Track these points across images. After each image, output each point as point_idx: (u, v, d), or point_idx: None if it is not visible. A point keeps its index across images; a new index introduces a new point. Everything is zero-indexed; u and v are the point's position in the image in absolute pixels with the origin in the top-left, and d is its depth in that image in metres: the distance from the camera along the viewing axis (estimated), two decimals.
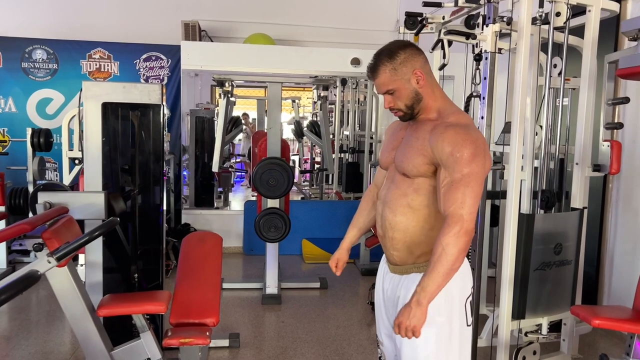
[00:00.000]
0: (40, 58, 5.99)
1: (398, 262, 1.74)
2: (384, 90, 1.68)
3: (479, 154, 1.55)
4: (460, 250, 1.52)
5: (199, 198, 7.06)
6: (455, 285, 1.64)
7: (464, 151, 1.53)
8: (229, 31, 6.89)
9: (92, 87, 2.67)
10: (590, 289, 3.76)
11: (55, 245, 2.04)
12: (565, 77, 2.86)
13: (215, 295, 2.68)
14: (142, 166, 3.00)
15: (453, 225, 1.52)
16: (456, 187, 1.54)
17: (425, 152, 1.62)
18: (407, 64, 1.64)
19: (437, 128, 1.61)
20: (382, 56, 1.66)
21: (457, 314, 1.68)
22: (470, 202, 1.53)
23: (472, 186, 1.53)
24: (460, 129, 1.58)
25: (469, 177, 1.53)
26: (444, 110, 1.67)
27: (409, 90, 1.65)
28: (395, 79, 1.64)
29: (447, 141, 1.56)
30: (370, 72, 1.69)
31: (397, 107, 1.69)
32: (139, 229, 3.03)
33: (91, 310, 2.29)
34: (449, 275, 1.54)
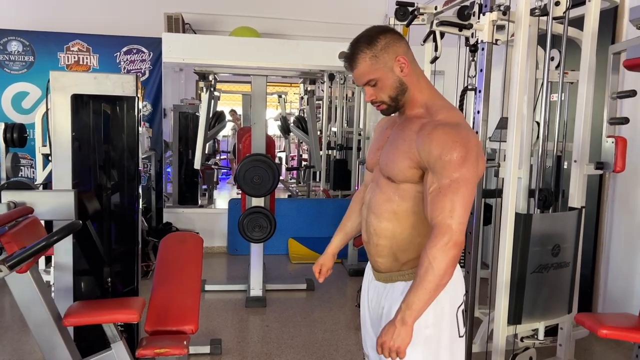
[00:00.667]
0: (15, 50, 5.76)
1: (383, 269, 1.60)
2: (364, 81, 1.50)
3: (470, 157, 1.38)
4: (449, 265, 1.37)
5: (183, 196, 6.86)
6: (445, 294, 1.47)
7: (453, 154, 1.37)
8: (213, 24, 6.71)
9: (61, 78, 2.47)
10: (586, 291, 3.65)
11: (15, 249, 1.86)
12: (564, 70, 2.73)
13: (194, 300, 2.51)
14: (116, 163, 2.81)
15: (440, 236, 1.37)
16: (444, 194, 1.38)
17: (411, 155, 1.45)
18: (388, 50, 1.47)
19: (425, 128, 1.44)
20: (360, 43, 1.48)
21: (447, 324, 1.53)
22: (460, 211, 1.37)
23: (462, 193, 1.37)
24: (450, 128, 1.41)
25: (459, 183, 1.37)
26: (432, 105, 1.50)
27: (392, 80, 1.48)
28: (376, 68, 1.47)
29: (435, 143, 1.39)
30: (347, 61, 1.50)
31: (380, 99, 1.51)
32: (113, 229, 2.85)
33: (57, 320, 2.11)
34: (436, 291, 1.39)
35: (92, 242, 2.76)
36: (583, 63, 2.73)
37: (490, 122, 2.76)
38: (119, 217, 2.87)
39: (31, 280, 2.03)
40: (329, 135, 7.21)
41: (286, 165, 9.13)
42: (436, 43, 3.22)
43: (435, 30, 3.12)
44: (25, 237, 1.98)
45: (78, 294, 2.57)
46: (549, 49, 2.63)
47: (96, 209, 2.70)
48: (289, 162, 9.25)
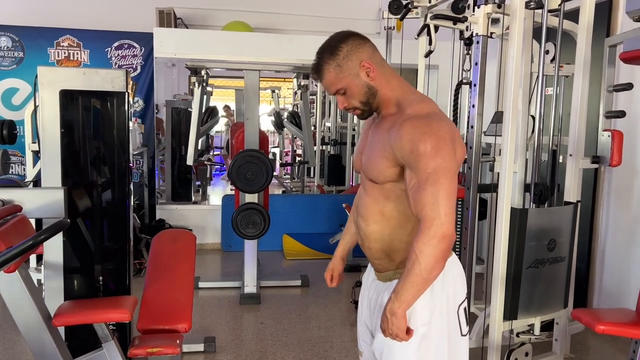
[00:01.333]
0: (4, 46, 5.68)
1: (381, 269, 1.60)
2: (333, 90, 1.50)
3: (442, 145, 1.36)
4: (437, 259, 1.35)
5: (176, 192, 6.81)
6: (442, 292, 1.47)
7: (425, 146, 1.35)
8: (205, 19, 6.65)
9: (48, 73, 2.42)
10: (581, 285, 3.64)
11: (3, 248, 1.82)
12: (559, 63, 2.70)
13: (187, 298, 2.48)
14: (107, 159, 2.77)
15: (427, 230, 1.34)
16: (424, 187, 1.35)
17: (387, 154, 1.44)
18: (351, 57, 1.46)
19: (395, 124, 1.43)
20: (323, 53, 1.48)
21: (445, 323, 1.49)
22: (444, 201, 1.34)
23: (442, 183, 1.35)
24: (419, 121, 1.40)
25: (437, 174, 1.34)
26: (403, 101, 1.49)
27: (360, 86, 1.48)
28: (342, 77, 1.47)
29: (405, 137, 1.38)
30: (314, 73, 1.51)
31: (352, 105, 1.51)
32: (104, 226, 2.81)
33: (47, 319, 2.07)
34: (424, 285, 1.38)
35: (82, 240, 2.72)
36: (578, 56, 2.71)
37: (485, 116, 2.74)
38: (110, 215, 2.83)
39: (19, 279, 1.98)
40: (323, 131, 7.18)
41: (280, 160, 9.08)
42: (430, 37, 3.19)
43: (429, 23, 3.09)
44: (14, 235, 1.94)
45: (69, 293, 2.53)
46: (544, 42, 2.61)
47: (87, 206, 2.66)
48: (283, 157, 9.21)
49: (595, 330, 2.02)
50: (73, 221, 2.54)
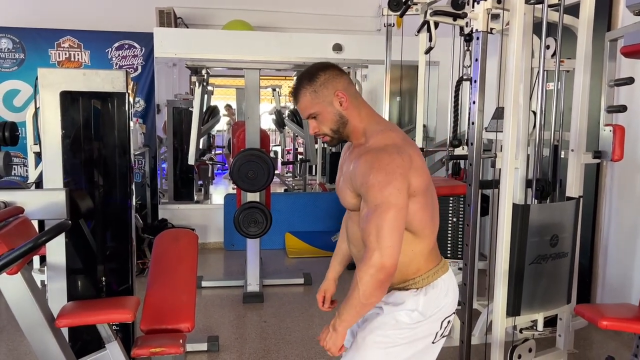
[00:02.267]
0: (5, 48, 5.69)
1: None
2: (306, 114, 1.58)
3: (391, 180, 1.42)
4: (375, 287, 1.43)
5: (178, 192, 6.82)
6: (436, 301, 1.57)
7: (372, 179, 1.43)
8: (205, 18, 6.65)
9: (49, 75, 2.43)
10: (584, 280, 3.63)
11: (5, 250, 1.82)
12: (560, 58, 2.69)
13: (189, 298, 2.48)
14: (108, 160, 2.77)
15: (367, 260, 1.42)
16: (370, 219, 1.43)
17: (348, 184, 1.55)
18: (327, 85, 1.55)
19: (356, 157, 1.53)
20: (302, 79, 1.58)
21: (426, 325, 1.57)
22: (387, 235, 1.40)
23: (385, 218, 1.41)
24: (371, 155, 1.47)
25: (381, 208, 1.41)
26: (369, 132, 1.57)
27: (332, 114, 1.56)
28: (316, 102, 1.55)
29: (358, 170, 1.48)
30: (292, 96, 1.61)
31: (322, 131, 1.59)
32: (106, 227, 2.82)
33: (50, 321, 2.07)
34: (362, 308, 1.49)
35: (85, 240, 2.72)
36: (579, 51, 2.70)
37: (486, 112, 2.73)
38: (112, 215, 2.83)
39: (22, 281, 1.99)
40: None
41: (282, 159, 9.08)
42: (430, 33, 3.18)
43: (429, 20, 3.08)
44: (16, 237, 1.94)
45: (72, 294, 2.54)
46: (544, 37, 2.60)
47: (88, 207, 2.66)
48: (285, 156, 9.21)
49: (599, 325, 2.02)
50: (75, 222, 2.54)
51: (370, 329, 1.57)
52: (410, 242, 1.53)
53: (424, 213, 1.52)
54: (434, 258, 1.61)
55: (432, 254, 1.60)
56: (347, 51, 5.33)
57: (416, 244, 1.55)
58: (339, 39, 5.36)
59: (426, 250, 1.58)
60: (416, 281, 1.57)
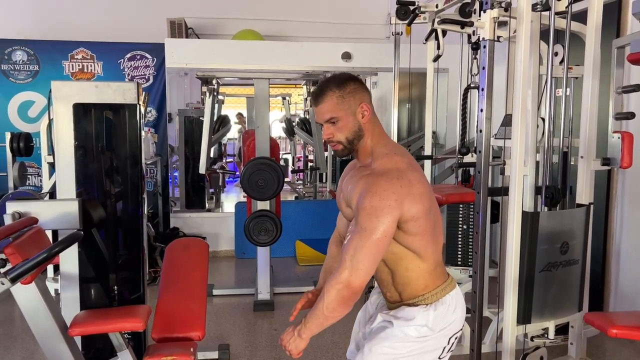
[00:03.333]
0: (20, 59, 5.79)
1: (390, 300, 1.69)
2: (327, 117, 1.57)
3: (383, 207, 1.44)
4: (338, 302, 1.47)
5: (190, 200, 6.86)
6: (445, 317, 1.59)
7: (366, 203, 1.45)
8: (216, 28, 6.71)
9: (62, 88, 2.48)
10: (596, 288, 3.60)
11: (20, 261, 1.86)
12: (568, 65, 2.69)
13: (200, 306, 2.50)
14: (120, 170, 2.81)
15: (337, 274, 1.46)
16: (352, 238, 1.47)
17: (345, 199, 1.61)
18: (355, 95, 1.57)
19: (358, 176, 1.57)
20: (330, 83, 1.58)
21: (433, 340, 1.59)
22: (361, 257, 1.44)
23: (366, 242, 1.44)
24: (372, 177, 1.50)
25: (366, 232, 1.44)
26: (375, 153, 1.59)
27: (352, 123, 1.57)
28: (340, 108, 1.55)
29: (356, 190, 1.51)
30: (315, 97, 1.58)
31: (337, 139, 1.58)
32: (118, 236, 2.86)
33: (63, 329, 2.11)
34: (325, 320, 1.53)
35: (97, 250, 2.76)
36: (587, 58, 2.69)
37: (495, 120, 2.73)
38: (124, 224, 2.87)
39: (36, 290, 2.03)
40: None
41: (292, 167, 9.11)
42: (438, 41, 3.20)
43: (437, 28, 3.10)
44: (29, 247, 1.98)
45: (85, 303, 2.57)
46: (552, 44, 2.60)
47: (101, 216, 2.70)
48: (295, 163, 9.24)
49: (609, 334, 2.01)
50: (88, 231, 2.58)
51: (378, 340, 1.59)
52: (414, 259, 1.56)
53: (423, 236, 1.54)
54: (440, 275, 1.63)
55: (437, 271, 1.62)
56: (356, 59, 5.36)
57: (420, 261, 1.57)
58: (348, 48, 5.39)
59: (431, 268, 1.59)
60: (425, 297, 1.59)
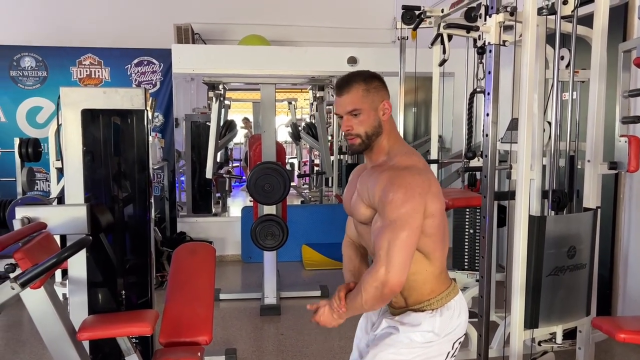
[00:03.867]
0: (29, 66, 5.84)
1: (395, 306, 1.68)
2: (350, 108, 1.57)
3: (409, 198, 1.45)
4: (376, 300, 1.49)
5: (197, 204, 6.89)
6: (449, 322, 1.60)
7: (393, 196, 1.46)
8: (222, 33, 6.75)
9: (71, 94, 2.50)
10: (604, 292, 3.58)
11: (29, 265, 1.88)
12: (574, 69, 2.69)
13: (207, 311, 2.51)
14: (128, 175, 2.83)
15: (374, 272, 1.47)
16: (383, 233, 1.47)
17: (364, 197, 1.58)
18: (379, 91, 1.59)
19: (378, 172, 1.57)
20: (356, 76, 1.59)
21: (438, 344, 1.59)
22: (396, 251, 1.44)
23: (399, 235, 1.44)
24: (395, 172, 1.52)
25: (396, 224, 1.45)
26: (393, 152, 1.61)
27: (373, 118, 1.58)
28: (365, 101, 1.57)
29: (378, 185, 1.51)
30: (339, 87, 1.59)
31: (357, 132, 1.58)
32: (125, 241, 2.87)
33: (71, 334, 2.12)
34: (361, 311, 1.59)
35: (105, 254, 2.78)
36: (594, 61, 2.69)
37: (502, 124, 2.73)
38: (131, 229, 2.89)
39: (45, 295, 2.04)
40: (340, 140, 7.20)
41: (298, 171, 9.13)
42: (444, 46, 3.21)
43: (442, 33, 3.11)
44: (39, 252, 2.00)
45: (93, 307, 2.59)
46: (557, 48, 2.60)
47: (109, 221, 2.72)
48: (301, 168, 9.25)
49: (616, 338, 2.00)
50: (96, 236, 2.60)
51: (383, 347, 1.59)
52: (422, 261, 1.56)
53: (436, 237, 1.55)
54: (445, 280, 1.63)
55: (442, 276, 1.63)
56: (362, 64, 5.37)
57: (428, 264, 1.58)
58: (354, 52, 5.41)
59: (437, 271, 1.60)
60: (431, 302, 1.59)
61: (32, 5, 6.34)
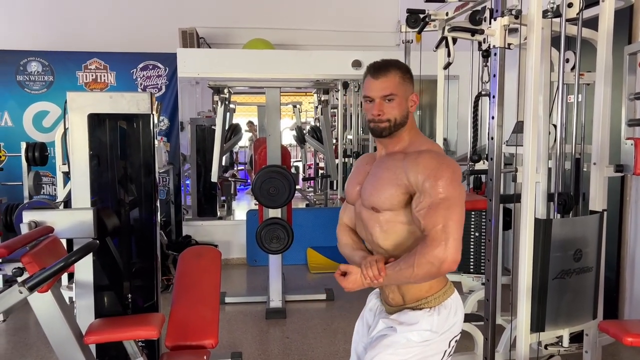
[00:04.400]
0: (35, 70, 5.88)
1: (392, 304, 1.68)
2: (386, 92, 1.57)
3: (456, 178, 1.50)
4: (429, 276, 1.48)
5: (202, 208, 6.90)
6: (446, 320, 1.59)
7: (441, 175, 1.48)
8: (227, 37, 6.78)
9: (77, 98, 2.52)
10: (611, 295, 3.56)
11: (36, 269, 1.89)
12: (579, 72, 2.68)
13: (213, 314, 2.52)
14: (134, 179, 2.84)
15: (431, 249, 1.45)
16: (436, 209, 1.46)
17: (399, 181, 1.54)
18: (411, 84, 1.62)
19: (410, 155, 1.56)
20: (394, 63, 1.61)
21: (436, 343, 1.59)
22: (453, 228, 1.45)
23: (454, 210, 1.47)
24: (435, 154, 1.55)
25: (449, 201, 1.47)
26: (415, 141, 1.63)
27: (404, 106, 1.59)
28: (400, 88, 1.58)
29: (422, 165, 1.51)
30: (376, 70, 1.58)
31: (388, 116, 1.57)
32: (132, 244, 2.89)
33: (78, 337, 2.13)
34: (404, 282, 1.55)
35: (112, 258, 2.79)
36: (599, 64, 2.69)
37: (507, 127, 2.73)
38: (137, 233, 2.90)
39: (52, 299, 2.05)
40: (345, 143, 7.20)
41: (303, 174, 9.13)
42: (449, 49, 3.20)
43: (447, 36, 3.11)
44: (46, 256, 2.01)
45: (99, 311, 2.60)
46: (563, 50, 2.60)
47: (115, 225, 2.73)
48: (306, 171, 9.26)
49: (623, 342, 1.99)
50: (102, 240, 2.61)
51: (381, 349, 1.58)
52: None
53: None
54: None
55: None
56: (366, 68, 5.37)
57: None
58: (358, 56, 5.41)
59: None
60: (429, 300, 1.59)
61: (38, 11, 6.38)
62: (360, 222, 1.68)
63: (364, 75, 1.63)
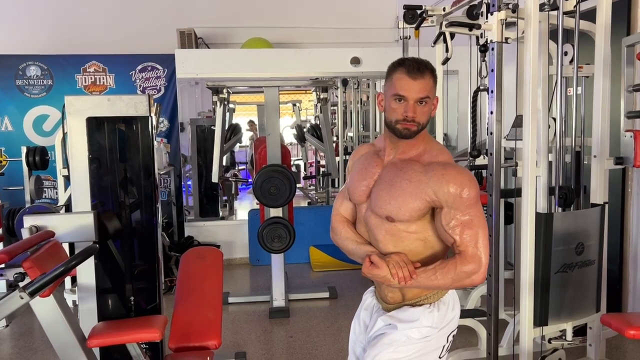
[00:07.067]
0: (34, 74, 5.87)
1: (390, 301, 1.66)
2: (422, 95, 1.52)
3: (478, 193, 1.54)
4: (461, 286, 1.53)
5: (204, 208, 6.90)
6: (445, 316, 1.60)
7: (470, 192, 1.50)
8: (225, 37, 6.77)
9: (75, 102, 2.52)
10: (614, 288, 3.56)
11: (38, 274, 1.89)
12: (578, 64, 2.68)
13: (216, 315, 2.52)
14: (134, 181, 2.85)
15: (466, 264, 1.49)
16: (470, 227, 1.50)
17: (424, 196, 1.51)
18: (435, 88, 1.57)
19: (433, 168, 1.53)
20: (428, 65, 1.55)
21: (435, 339, 1.60)
22: (483, 245, 1.51)
23: (483, 227, 1.52)
24: (460, 169, 1.54)
25: (478, 218, 1.52)
26: (430, 149, 1.59)
27: (430, 110, 1.57)
28: (432, 92, 1.55)
29: (452, 182, 1.49)
30: (415, 70, 1.51)
31: (420, 120, 1.53)
32: (133, 246, 2.89)
33: (81, 341, 2.14)
34: (432, 288, 1.57)
35: (113, 261, 2.79)
36: (597, 56, 2.68)
37: (506, 121, 2.72)
38: (139, 235, 2.90)
39: (54, 303, 2.06)
40: (345, 141, 7.20)
41: (304, 172, 9.12)
42: (447, 44, 3.19)
43: (444, 31, 3.10)
44: (47, 261, 2.01)
45: (102, 314, 2.60)
46: (560, 43, 2.59)
47: (116, 228, 2.74)
48: (307, 169, 9.25)
49: (626, 335, 1.98)
50: (103, 243, 2.62)
51: (381, 347, 1.58)
52: (429, 252, 1.58)
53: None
54: None
55: None
56: (365, 64, 5.36)
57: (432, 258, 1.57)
58: (357, 53, 5.40)
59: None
60: (428, 296, 1.59)
61: (36, 15, 6.38)
62: (364, 225, 1.65)
63: (393, 70, 1.55)
